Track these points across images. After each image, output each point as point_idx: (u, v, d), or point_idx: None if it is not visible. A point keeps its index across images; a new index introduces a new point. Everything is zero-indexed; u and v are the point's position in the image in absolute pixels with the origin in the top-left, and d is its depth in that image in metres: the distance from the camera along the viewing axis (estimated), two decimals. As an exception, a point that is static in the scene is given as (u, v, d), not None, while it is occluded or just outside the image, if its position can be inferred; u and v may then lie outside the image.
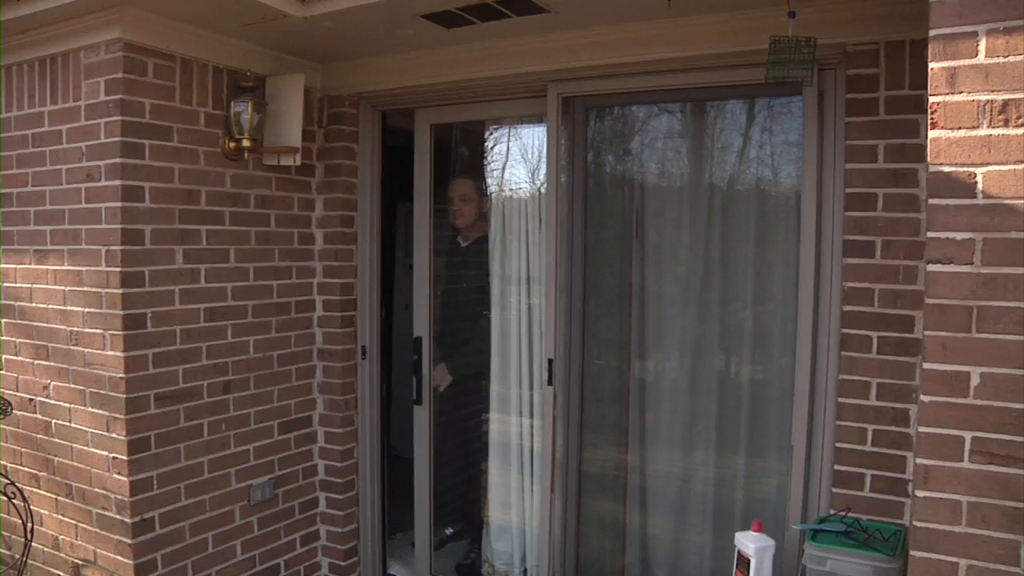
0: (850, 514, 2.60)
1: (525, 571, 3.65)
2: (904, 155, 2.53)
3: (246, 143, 3.16)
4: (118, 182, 2.84)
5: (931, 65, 1.84)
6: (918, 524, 1.88)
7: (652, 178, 3.35)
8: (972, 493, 1.82)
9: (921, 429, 1.87)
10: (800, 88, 2.73)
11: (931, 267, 1.84)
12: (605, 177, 3.40)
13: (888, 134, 2.56)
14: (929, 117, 1.84)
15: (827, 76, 2.71)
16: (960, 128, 1.81)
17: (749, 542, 2.67)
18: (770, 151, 3.11)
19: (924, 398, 1.86)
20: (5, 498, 3.18)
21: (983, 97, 1.79)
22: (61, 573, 3.23)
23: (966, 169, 1.81)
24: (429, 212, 3.70)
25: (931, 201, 1.84)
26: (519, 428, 3.66)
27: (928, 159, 1.84)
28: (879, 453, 2.63)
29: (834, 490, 2.71)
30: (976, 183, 1.80)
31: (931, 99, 1.83)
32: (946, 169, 1.82)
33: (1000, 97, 1.77)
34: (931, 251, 1.84)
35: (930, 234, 1.84)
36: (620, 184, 3.39)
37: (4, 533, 3.37)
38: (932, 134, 1.83)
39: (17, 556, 3.27)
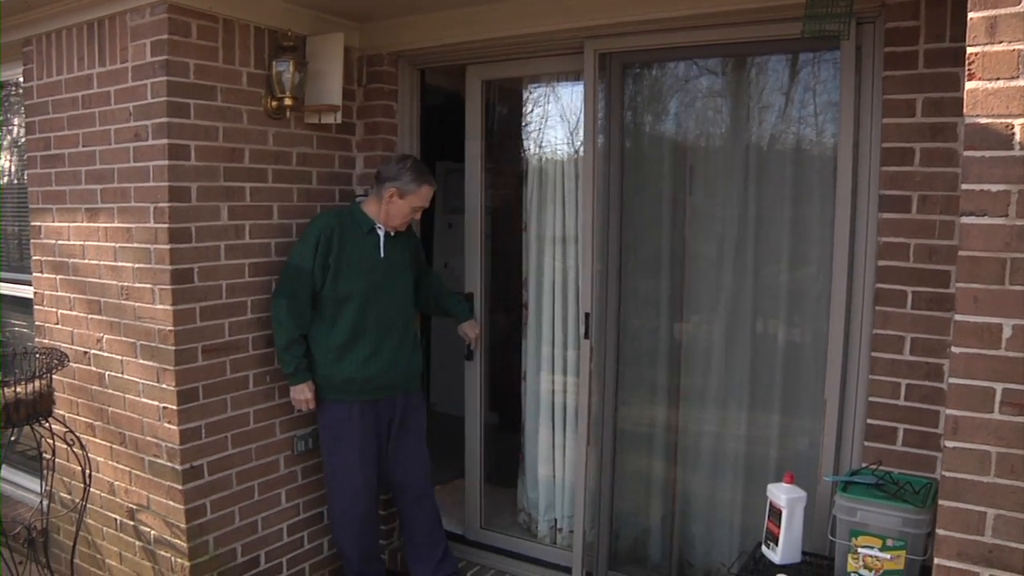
0: (881, 467, 2.63)
1: (555, 520, 3.73)
2: (942, 109, 2.51)
3: (288, 101, 3.22)
4: (165, 141, 2.92)
5: (970, 14, 1.82)
6: (947, 474, 1.90)
7: (689, 137, 3.35)
8: (1001, 444, 1.83)
9: (952, 381, 1.89)
10: (837, 42, 2.72)
11: (965, 219, 1.84)
12: (642, 135, 3.41)
13: (926, 88, 2.53)
14: (966, 68, 1.83)
15: (865, 30, 2.68)
16: (998, 79, 1.79)
17: (781, 493, 2.71)
18: (807, 108, 3.09)
19: (955, 350, 1.87)
20: (65, 446, 3.32)
21: (1023, 46, 1.77)
22: (117, 517, 3.37)
23: (1003, 120, 1.79)
24: (480, 168, 3.72)
25: (966, 153, 1.84)
26: (555, 385, 3.71)
27: (964, 111, 1.84)
28: (912, 407, 2.64)
29: (866, 444, 2.74)
30: (1013, 134, 1.78)
31: (969, 49, 1.82)
32: (982, 121, 1.81)
33: (1040, 47, 1.75)
34: (965, 203, 1.84)
35: (964, 186, 1.84)
36: (657, 142, 3.40)
37: (64, 479, 3.52)
38: (969, 85, 1.82)
39: (77, 500, 3.42)
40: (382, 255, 3.31)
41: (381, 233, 3.31)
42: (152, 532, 3.22)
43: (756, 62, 3.18)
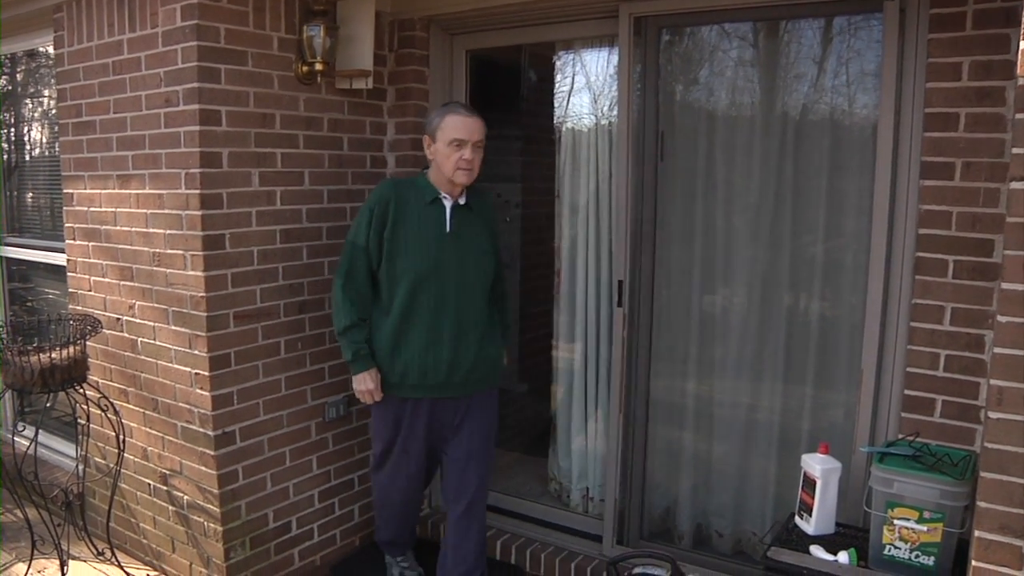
0: (919, 439, 2.59)
1: (587, 489, 3.73)
2: (991, 72, 2.43)
3: (319, 67, 3.19)
4: (196, 106, 2.91)
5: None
6: (989, 446, 1.87)
7: (723, 104, 3.28)
8: (1047, 415, 1.79)
9: (996, 350, 1.85)
10: (881, 4, 2.64)
11: (1014, 185, 1.79)
12: (675, 102, 3.34)
13: (974, 50, 2.45)
14: (1022, 27, 1.77)
15: (911, -10, 2.61)
16: (1053, 38, 1.74)
17: (816, 463, 2.68)
18: (848, 74, 3.01)
19: (1001, 319, 1.83)
20: (99, 411, 3.36)
21: (1079, 5, 1.71)
22: (150, 481, 3.42)
23: (1057, 82, 1.74)
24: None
25: (1017, 116, 1.78)
26: (587, 353, 3.69)
27: (1017, 72, 1.78)
28: (951, 379, 2.59)
29: (903, 415, 2.69)
30: (1067, 96, 1.73)
31: None
32: (1035, 82, 1.76)
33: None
34: (1015, 168, 1.79)
35: (1015, 150, 1.79)
36: (691, 110, 3.33)
37: (99, 444, 3.57)
38: (1023, 45, 1.76)
39: (111, 465, 3.47)
40: (448, 229, 2.95)
41: (448, 204, 2.96)
42: (185, 497, 3.26)
43: (794, 27, 3.11)
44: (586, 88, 3.60)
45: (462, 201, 3.00)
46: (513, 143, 4.60)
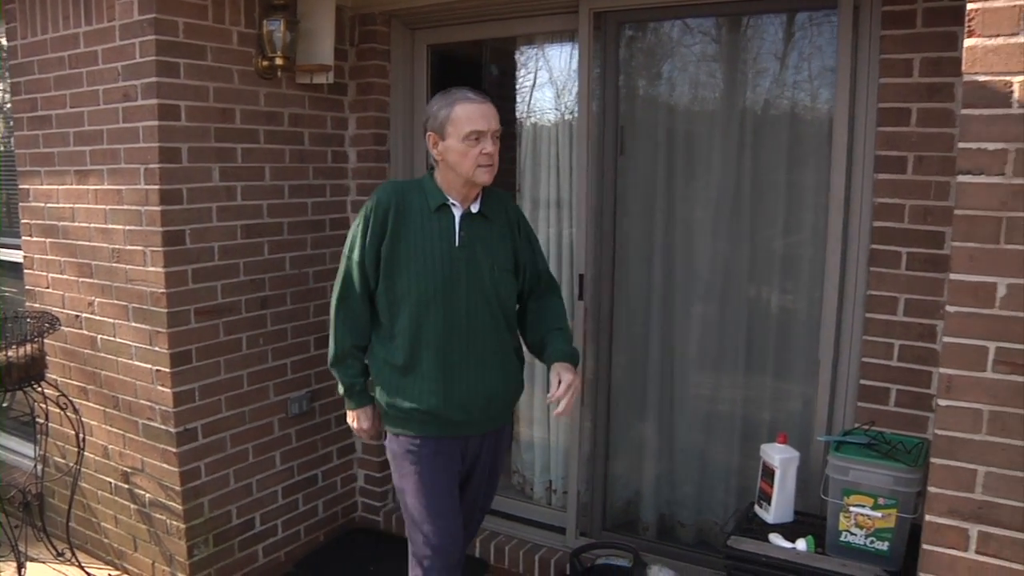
0: (874, 427, 2.64)
1: (550, 482, 3.76)
2: (940, 69, 2.49)
3: (279, 61, 3.18)
4: (154, 101, 2.88)
5: (970, -29, 1.81)
6: (940, 432, 1.92)
7: (684, 99, 3.32)
8: (994, 402, 1.84)
9: (946, 339, 1.90)
10: (835, 1, 2.69)
11: (961, 178, 1.84)
12: (637, 97, 3.37)
13: (924, 47, 2.51)
14: (966, 24, 1.81)
15: (864, -12, 2.66)
16: (998, 35, 1.78)
17: (774, 453, 2.73)
18: (803, 72, 3.05)
19: (950, 308, 1.88)
20: (58, 410, 3.31)
21: None
22: (112, 480, 3.38)
23: (1002, 78, 1.78)
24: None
25: (964, 111, 1.83)
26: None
27: (963, 69, 1.82)
28: (905, 368, 2.66)
29: (859, 404, 2.76)
30: (1012, 92, 1.77)
31: (969, 6, 1.80)
32: (981, 78, 1.80)
33: (1043, 2, 1.74)
34: (962, 162, 1.83)
35: (961, 145, 1.83)
36: (651, 104, 3.36)
37: (58, 443, 3.52)
38: (968, 42, 1.81)
39: (71, 465, 3.43)
40: (458, 242, 2.44)
41: (458, 213, 2.45)
42: (147, 495, 3.23)
43: (753, 23, 3.15)
44: (549, 83, 3.61)
45: (475, 208, 2.49)
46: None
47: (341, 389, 2.62)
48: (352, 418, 2.65)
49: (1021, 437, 1.82)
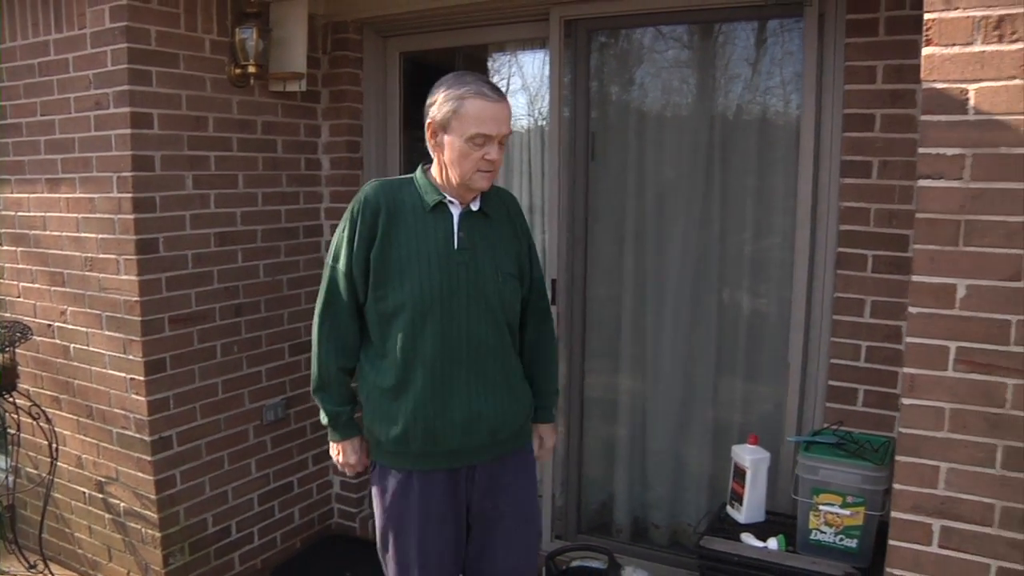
0: (842, 427, 2.69)
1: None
2: (902, 76, 2.55)
3: (252, 69, 3.18)
4: (127, 109, 2.88)
5: (928, -19, 1.86)
6: (903, 430, 1.97)
7: (655, 106, 3.36)
8: (955, 400, 1.89)
9: (908, 340, 1.94)
10: (802, 9, 2.75)
11: (922, 182, 1.89)
12: (608, 104, 3.41)
13: (887, 55, 2.58)
14: (924, 34, 1.86)
15: (828, -4, 2.72)
16: (954, 45, 1.83)
17: (745, 454, 2.77)
18: (773, 78, 3.10)
19: (912, 310, 1.93)
20: (30, 420, 3.29)
21: (978, 13, 1.80)
22: (86, 490, 3.36)
23: (958, 86, 1.84)
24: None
25: (923, 118, 1.88)
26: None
27: (921, 76, 1.87)
28: (872, 369, 2.71)
29: (828, 405, 2.81)
30: (968, 99, 1.83)
31: (926, 16, 1.86)
32: (939, 86, 1.85)
33: (996, 13, 1.78)
34: (922, 167, 1.89)
35: (921, 150, 1.88)
36: (623, 111, 3.40)
37: (30, 454, 3.50)
38: (926, 51, 1.86)
39: (44, 475, 3.41)
40: (457, 244, 2.17)
41: (456, 211, 2.19)
42: (122, 504, 3.22)
43: (723, 31, 3.20)
44: (521, 89, 3.64)
45: (475, 206, 2.22)
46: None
47: (324, 419, 2.32)
48: (336, 451, 2.35)
49: (980, 433, 1.87)
